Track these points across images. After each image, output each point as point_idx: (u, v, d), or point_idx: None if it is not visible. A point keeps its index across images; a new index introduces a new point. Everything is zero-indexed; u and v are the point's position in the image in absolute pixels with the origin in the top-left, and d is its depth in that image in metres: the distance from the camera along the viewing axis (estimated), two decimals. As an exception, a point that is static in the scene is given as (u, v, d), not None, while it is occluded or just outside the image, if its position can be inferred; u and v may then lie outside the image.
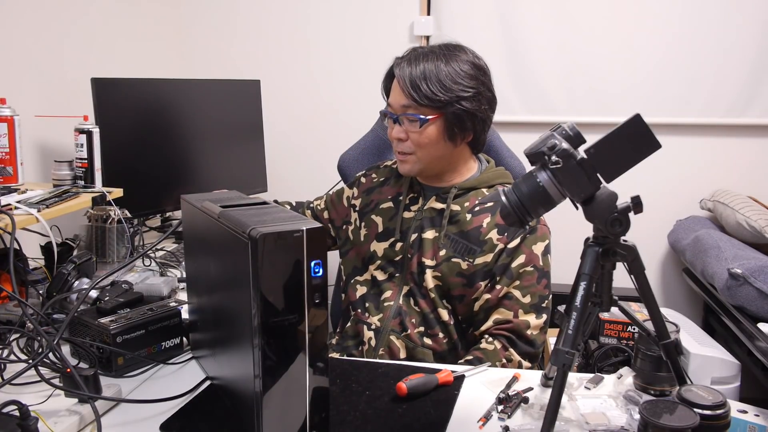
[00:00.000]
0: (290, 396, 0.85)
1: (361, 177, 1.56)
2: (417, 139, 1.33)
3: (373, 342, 1.36)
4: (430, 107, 1.30)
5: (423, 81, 1.29)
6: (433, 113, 1.31)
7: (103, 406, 1.01)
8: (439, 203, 1.39)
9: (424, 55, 1.32)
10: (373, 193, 1.49)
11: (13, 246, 1.20)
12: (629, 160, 0.87)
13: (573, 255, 0.99)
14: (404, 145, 1.35)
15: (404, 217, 1.41)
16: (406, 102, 1.31)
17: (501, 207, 0.93)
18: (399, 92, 1.32)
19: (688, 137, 2.59)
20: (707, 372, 1.83)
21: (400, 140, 1.35)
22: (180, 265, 1.78)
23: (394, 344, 1.35)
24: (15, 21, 1.85)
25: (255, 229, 0.80)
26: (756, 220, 2.10)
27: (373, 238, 1.43)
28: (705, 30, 2.49)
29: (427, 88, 1.29)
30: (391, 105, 1.36)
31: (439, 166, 1.39)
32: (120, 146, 1.87)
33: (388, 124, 1.38)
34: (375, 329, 1.37)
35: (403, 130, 1.34)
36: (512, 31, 2.60)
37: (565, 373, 0.87)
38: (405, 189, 1.44)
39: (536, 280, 1.34)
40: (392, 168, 1.52)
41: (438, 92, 1.29)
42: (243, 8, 2.80)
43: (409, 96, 1.30)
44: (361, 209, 1.49)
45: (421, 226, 1.38)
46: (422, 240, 1.37)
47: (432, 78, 1.29)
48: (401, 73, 1.31)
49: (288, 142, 2.83)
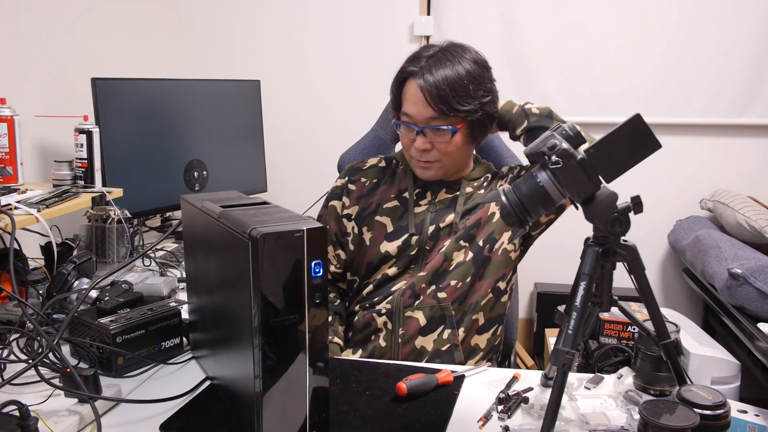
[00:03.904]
0: (290, 396, 0.85)
1: (347, 184, 1.49)
2: (445, 148, 1.34)
3: (389, 325, 1.35)
4: (456, 117, 1.31)
5: (448, 91, 1.28)
6: (460, 122, 1.32)
7: (103, 406, 1.01)
8: (448, 194, 1.41)
9: (439, 61, 1.30)
10: (370, 196, 1.46)
11: (13, 246, 1.20)
12: (629, 160, 0.87)
13: (573, 255, 0.99)
14: (429, 155, 1.35)
15: (416, 212, 1.41)
16: (432, 114, 1.30)
17: (501, 207, 0.93)
18: (423, 104, 1.30)
19: (688, 137, 2.59)
20: (707, 372, 1.83)
21: (425, 151, 1.35)
22: (180, 265, 1.78)
23: (412, 318, 1.34)
24: (15, 21, 1.85)
25: (255, 229, 0.80)
26: (756, 220, 2.10)
27: (383, 239, 1.41)
28: (705, 30, 2.49)
29: (454, 99, 1.28)
30: (413, 116, 1.33)
31: (457, 167, 1.41)
32: (120, 146, 1.87)
33: (406, 133, 1.36)
34: (387, 312, 1.36)
35: (428, 141, 1.33)
36: (512, 31, 2.60)
37: (565, 373, 0.87)
38: (410, 186, 1.43)
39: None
40: (379, 167, 1.49)
41: (464, 102, 1.29)
42: (243, 8, 2.80)
43: (437, 108, 1.29)
44: (358, 215, 1.45)
45: (438, 218, 1.38)
46: (440, 229, 1.37)
47: (456, 87, 1.28)
48: (424, 84, 1.29)
49: (288, 142, 2.83)
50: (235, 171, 2.33)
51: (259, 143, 2.44)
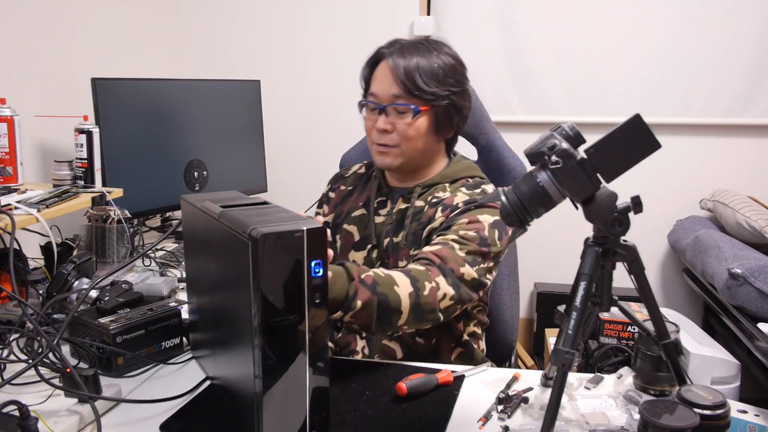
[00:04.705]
0: (290, 396, 0.85)
1: (328, 192, 1.50)
2: (405, 131, 1.30)
3: (367, 350, 1.35)
4: (421, 99, 1.28)
5: (417, 71, 1.27)
6: (425, 105, 1.29)
7: (103, 406, 1.01)
8: (405, 203, 1.37)
9: (414, 47, 1.30)
10: (343, 203, 1.45)
11: (13, 246, 1.20)
12: (629, 160, 0.87)
13: (573, 255, 0.99)
14: (388, 137, 1.31)
15: (376, 222, 1.38)
16: (397, 92, 1.28)
17: (501, 207, 0.93)
18: (389, 82, 1.29)
19: (688, 137, 2.59)
20: (707, 372, 1.83)
21: (385, 132, 1.31)
22: (180, 265, 1.78)
23: (387, 347, 1.33)
24: (15, 21, 1.85)
25: (255, 229, 0.80)
26: (756, 220, 2.10)
27: (351, 248, 1.39)
28: (705, 30, 2.49)
29: (421, 79, 1.27)
30: (377, 95, 1.31)
31: (417, 160, 1.35)
32: (120, 146, 1.87)
33: (369, 116, 1.34)
34: (366, 337, 1.35)
35: (390, 122, 1.30)
36: (512, 31, 2.61)
37: (565, 373, 0.87)
38: (373, 193, 1.41)
39: (475, 235, 1.24)
40: (358, 173, 1.49)
41: (432, 84, 1.28)
42: (242, 8, 2.80)
43: (402, 86, 1.27)
44: (333, 223, 1.44)
45: (392, 230, 1.35)
46: (395, 244, 1.34)
47: (425, 69, 1.28)
48: (394, 63, 1.28)
49: (288, 142, 2.83)
50: (235, 171, 2.33)
51: (259, 143, 2.44)
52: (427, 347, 1.34)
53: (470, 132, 1.68)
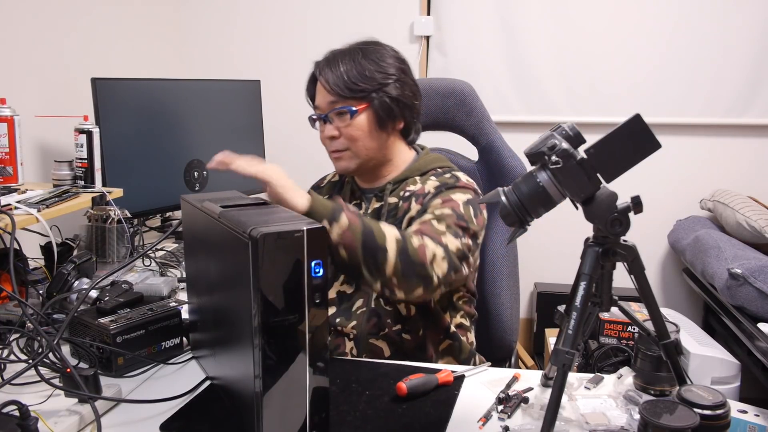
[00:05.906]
0: (290, 396, 0.85)
1: None
2: (349, 132, 1.34)
3: (355, 351, 1.35)
4: (355, 99, 1.32)
5: (344, 75, 1.32)
6: (360, 104, 1.32)
7: (103, 406, 1.01)
8: (379, 202, 1.40)
9: (342, 54, 1.35)
10: None
11: (13, 246, 1.20)
12: (629, 160, 0.87)
13: (573, 255, 0.99)
14: (337, 142, 1.36)
15: None
16: (332, 99, 1.33)
17: (501, 207, 0.93)
18: (324, 92, 1.34)
19: (688, 137, 2.59)
20: (707, 372, 1.83)
21: (333, 138, 1.36)
22: (180, 265, 1.78)
23: (375, 346, 1.33)
24: (15, 21, 1.85)
25: (255, 229, 0.80)
26: (756, 220, 2.10)
27: None
28: (705, 30, 2.49)
29: (350, 81, 1.31)
30: (319, 106, 1.37)
31: (374, 158, 1.38)
32: (120, 146, 1.87)
33: (320, 128, 1.39)
34: (354, 338, 1.35)
35: (334, 128, 1.35)
36: (512, 31, 2.61)
37: (565, 373, 0.87)
38: (347, 198, 1.44)
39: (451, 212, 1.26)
40: (332, 182, 1.53)
41: (360, 83, 1.31)
42: (243, 8, 2.80)
43: (333, 92, 1.32)
44: None
45: None
46: None
47: (353, 71, 1.32)
48: (323, 74, 1.34)
49: (288, 142, 2.83)
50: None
51: (259, 143, 2.44)
52: (415, 343, 1.34)
53: (470, 132, 1.69)
